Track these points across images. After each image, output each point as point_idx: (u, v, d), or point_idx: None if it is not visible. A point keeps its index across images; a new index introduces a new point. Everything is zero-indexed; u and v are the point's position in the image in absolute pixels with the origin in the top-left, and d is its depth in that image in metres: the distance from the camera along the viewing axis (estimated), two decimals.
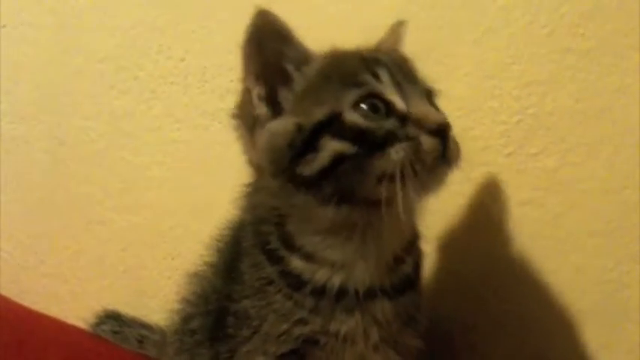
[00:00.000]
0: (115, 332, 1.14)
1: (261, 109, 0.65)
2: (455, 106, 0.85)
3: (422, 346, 0.71)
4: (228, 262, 0.74)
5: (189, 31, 1.08)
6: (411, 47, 0.86)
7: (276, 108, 0.65)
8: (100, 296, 1.24)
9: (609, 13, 0.76)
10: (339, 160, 0.59)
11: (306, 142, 0.61)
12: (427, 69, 0.85)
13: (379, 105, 0.61)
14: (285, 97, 0.65)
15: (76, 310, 1.22)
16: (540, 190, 0.82)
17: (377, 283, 0.66)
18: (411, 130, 0.60)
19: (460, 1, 0.85)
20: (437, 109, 0.66)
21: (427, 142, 0.59)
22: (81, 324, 1.20)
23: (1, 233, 1.43)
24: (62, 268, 1.31)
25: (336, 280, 0.65)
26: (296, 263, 0.66)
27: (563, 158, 0.81)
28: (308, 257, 0.65)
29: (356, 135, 0.60)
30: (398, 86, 0.63)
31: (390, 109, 0.61)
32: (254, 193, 0.71)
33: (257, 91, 0.65)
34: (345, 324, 0.65)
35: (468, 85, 0.86)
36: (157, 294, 0.87)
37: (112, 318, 1.17)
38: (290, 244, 0.66)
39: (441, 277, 0.88)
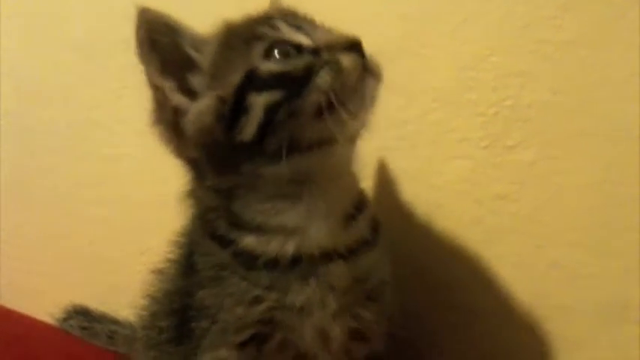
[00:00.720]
0: (84, 328, 1.14)
1: (179, 99, 0.65)
2: (431, 97, 0.85)
3: (386, 329, 0.71)
4: (186, 258, 0.73)
5: None
6: (388, 38, 0.86)
7: (191, 95, 0.65)
8: (69, 291, 1.22)
9: (586, 5, 0.74)
10: (272, 110, 0.60)
11: (233, 109, 0.61)
12: (404, 60, 0.86)
13: (287, 49, 0.62)
14: (195, 81, 0.65)
15: (44, 306, 1.19)
16: (517, 184, 0.81)
17: (330, 244, 0.65)
18: (326, 55, 0.62)
19: None
20: None
21: (345, 59, 0.61)
22: (48, 319, 1.19)
23: None
24: (29, 262, 1.30)
25: (290, 247, 0.65)
26: (247, 240, 0.65)
27: (540, 151, 0.79)
28: (259, 229, 0.65)
29: (278, 81, 0.60)
30: (297, 28, 0.64)
31: (298, 48, 0.63)
32: (195, 188, 0.70)
33: (167, 85, 0.64)
34: (301, 294, 0.64)
35: (444, 77, 0.84)
36: (126, 289, 0.85)
37: (81, 313, 1.16)
38: (238, 224, 0.66)
39: (408, 273, 0.87)
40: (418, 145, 0.87)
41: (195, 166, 0.68)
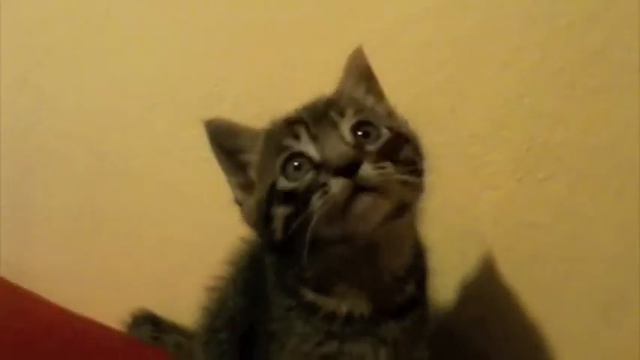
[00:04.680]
0: (154, 338, 1.21)
1: (237, 194, 0.75)
2: (470, 133, 0.92)
3: (428, 353, 0.78)
4: (249, 281, 0.82)
5: (223, 59, 1.16)
6: (434, 79, 0.93)
7: (250, 188, 0.74)
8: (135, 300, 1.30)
9: (616, 54, 0.80)
10: (287, 222, 0.66)
11: (265, 215, 0.69)
12: (448, 100, 0.93)
13: (301, 161, 0.67)
14: (253, 175, 0.74)
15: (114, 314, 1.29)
16: (548, 216, 0.87)
17: (380, 307, 0.72)
18: (322, 176, 0.64)
19: (479, 39, 0.90)
20: (362, 139, 0.68)
21: (333, 185, 0.62)
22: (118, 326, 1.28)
23: (44, 242, 1.52)
24: (102, 275, 1.39)
25: (344, 308, 0.72)
26: (309, 295, 0.73)
27: (571, 188, 0.85)
28: (318, 290, 0.72)
29: (288, 197, 0.66)
30: (314, 138, 0.67)
31: (309, 161, 0.67)
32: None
33: (232, 181, 0.75)
34: (357, 346, 0.72)
35: (483, 115, 0.91)
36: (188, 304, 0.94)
37: (150, 322, 1.23)
38: (302, 279, 0.73)
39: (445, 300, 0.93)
40: (457, 177, 0.93)
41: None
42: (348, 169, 0.62)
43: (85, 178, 1.40)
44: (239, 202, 0.75)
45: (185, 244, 1.25)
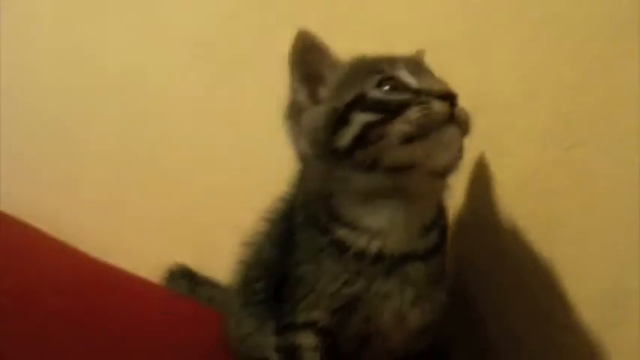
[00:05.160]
0: (190, 291, 1.27)
1: (304, 99, 0.80)
2: (497, 102, 0.95)
3: (446, 299, 0.83)
4: (283, 233, 0.87)
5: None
6: (461, 51, 0.97)
7: (316, 101, 0.80)
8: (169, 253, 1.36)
9: None
10: (366, 128, 0.72)
11: (339, 119, 0.74)
12: (475, 70, 0.96)
13: (397, 85, 0.74)
14: (323, 93, 0.80)
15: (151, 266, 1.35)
16: (571, 183, 0.90)
17: (409, 248, 0.78)
18: (424, 98, 0.72)
19: (505, 11, 0.94)
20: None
21: (436, 104, 0.70)
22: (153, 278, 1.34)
23: (84, 198, 1.59)
24: (139, 227, 1.45)
25: (374, 246, 0.77)
26: (341, 232, 0.78)
27: (595, 157, 0.88)
28: (350, 225, 0.78)
29: (379, 106, 0.72)
30: (412, 72, 0.75)
31: (406, 87, 0.74)
32: (302, 178, 0.85)
33: (301, 90, 0.80)
34: (384, 284, 0.77)
35: (510, 85, 0.95)
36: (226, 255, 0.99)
37: (186, 276, 1.29)
38: (335, 216, 0.78)
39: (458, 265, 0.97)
40: (485, 145, 0.97)
41: (304, 158, 0.82)
42: (451, 98, 0.72)
43: (121, 129, 1.46)
44: (299, 107, 0.80)
45: (221, 199, 1.31)
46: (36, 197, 1.67)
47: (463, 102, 0.76)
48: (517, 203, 0.95)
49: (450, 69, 0.94)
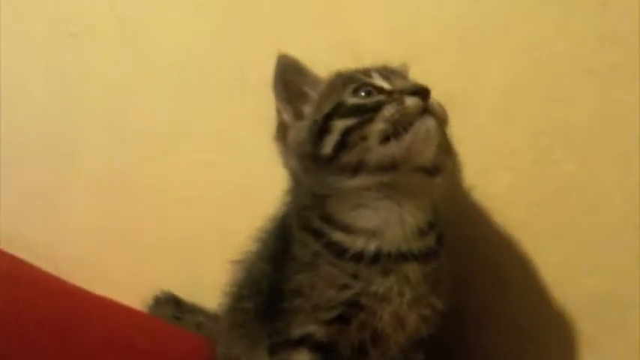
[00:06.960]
0: (177, 318, 1.24)
1: (289, 118, 0.84)
2: (486, 115, 0.96)
3: (445, 310, 0.82)
4: (275, 249, 0.86)
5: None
6: (450, 63, 0.98)
7: (300, 119, 0.83)
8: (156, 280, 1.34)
9: (628, 37, 0.84)
10: (346, 132, 0.75)
11: (321, 129, 0.77)
12: (464, 83, 0.96)
13: (371, 90, 0.78)
14: (306, 110, 0.84)
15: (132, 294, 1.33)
16: (561, 195, 0.90)
17: (406, 247, 0.78)
18: (396, 96, 0.75)
19: (494, 25, 0.95)
20: None
21: (408, 100, 0.74)
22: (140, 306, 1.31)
23: (68, 225, 1.56)
24: (124, 255, 1.43)
25: (371, 246, 0.77)
26: (337, 235, 0.78)
27: (584, 169, 0.89)
28: (346, 229, 0.78)
29: (356, 110, 0.76)
30: (385, 77, 0.80)
31: (380, 90, 0.78)
32: (294, 190, 0.86)
33: (287, 110, 0.84)
34: (382, 285, 0.76)
35: (499, 98, 0.96)
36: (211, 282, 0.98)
37: (172, 303, 1.27)
38: (330, 221, 0.79)
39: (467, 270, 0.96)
40: (475, 158, 0.97)
41: (295, 175, 0.84)
42: (423, 93, 0.75)
43: (106, 156, 1.44)
44: (286, 127, 0.83)
45: (207, 227, 1.29)
46: (17, 225, 1.64)
47: (451, 114, 0.78)
48: (507, 216, 0.95)
49: (437, 82, 0.96)
